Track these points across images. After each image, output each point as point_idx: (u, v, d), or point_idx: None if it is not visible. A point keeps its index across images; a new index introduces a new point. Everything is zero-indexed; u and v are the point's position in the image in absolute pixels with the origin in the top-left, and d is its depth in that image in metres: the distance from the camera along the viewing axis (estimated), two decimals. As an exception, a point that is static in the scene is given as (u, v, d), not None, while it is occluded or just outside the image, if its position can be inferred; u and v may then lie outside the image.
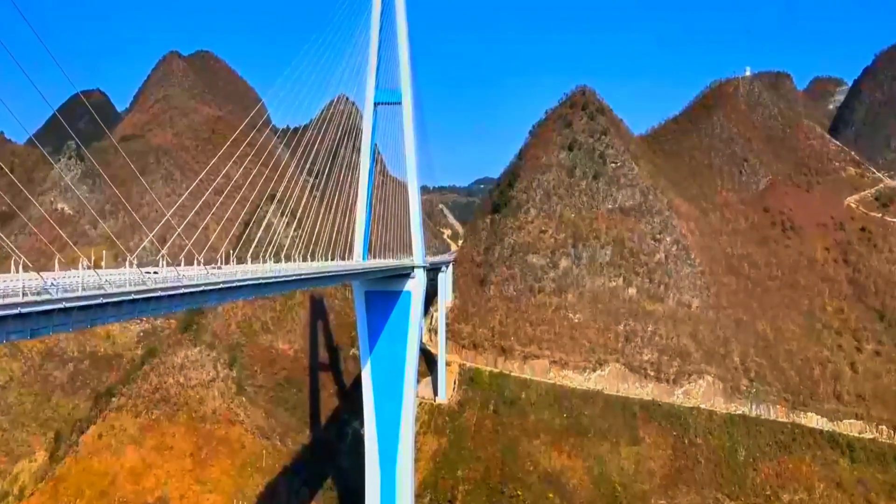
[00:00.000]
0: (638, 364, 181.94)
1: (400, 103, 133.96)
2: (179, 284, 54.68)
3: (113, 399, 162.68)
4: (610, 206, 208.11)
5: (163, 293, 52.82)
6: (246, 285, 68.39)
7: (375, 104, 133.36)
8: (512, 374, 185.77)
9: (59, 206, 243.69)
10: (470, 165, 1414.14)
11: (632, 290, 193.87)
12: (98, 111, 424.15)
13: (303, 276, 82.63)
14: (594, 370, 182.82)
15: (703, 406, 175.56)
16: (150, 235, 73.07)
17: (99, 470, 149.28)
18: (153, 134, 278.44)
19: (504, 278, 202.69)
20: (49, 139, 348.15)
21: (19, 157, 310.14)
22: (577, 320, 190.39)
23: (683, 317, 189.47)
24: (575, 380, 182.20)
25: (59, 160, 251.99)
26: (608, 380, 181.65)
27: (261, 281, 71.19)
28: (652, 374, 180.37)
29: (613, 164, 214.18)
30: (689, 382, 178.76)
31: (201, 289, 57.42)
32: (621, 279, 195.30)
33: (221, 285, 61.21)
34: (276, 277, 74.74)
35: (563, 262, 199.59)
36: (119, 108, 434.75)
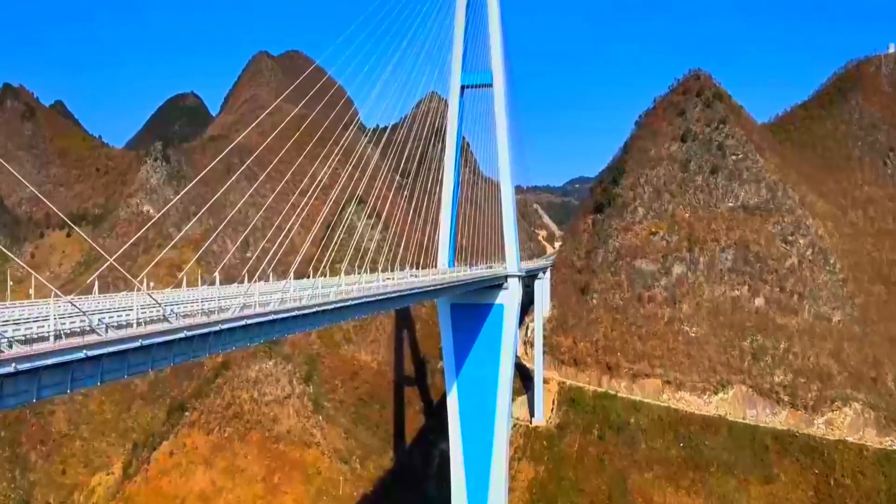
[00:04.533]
0: (768, 387, 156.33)
1: (490, 85, 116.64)
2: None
3: (186, 413, 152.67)
4: (731, 205, 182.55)
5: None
6: (302, 315, 52.72)
7: (462, 87, 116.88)
8: (619, 394, 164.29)
9: (145, 207, 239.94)
10: (564, 164, 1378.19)
11: (759, 301, 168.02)
12: (192, 114, 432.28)
13: (378, 298, 66.05)
14: (715, 392, 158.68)
15: (850, 439, 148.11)
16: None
17: (168, 492, 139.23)
18: (238, 134, 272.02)
19: (608, 286, 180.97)
20: (145, 143, 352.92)
21: (114, 161, 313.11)
22: (693, 334, 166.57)
23: (823, 332, 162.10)
24: (693, 403, 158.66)
25: (146, 162, 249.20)
26: (732, 404, 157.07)
27: (323, 308, 55.19)
28: (786, 399, 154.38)
29: (734, 157, 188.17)
30: (833, 410, 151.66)
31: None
32: (746, 288, 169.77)
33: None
34: (345, 301, 58.94)
35: (677, 268, 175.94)
36: (213, 111, 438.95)
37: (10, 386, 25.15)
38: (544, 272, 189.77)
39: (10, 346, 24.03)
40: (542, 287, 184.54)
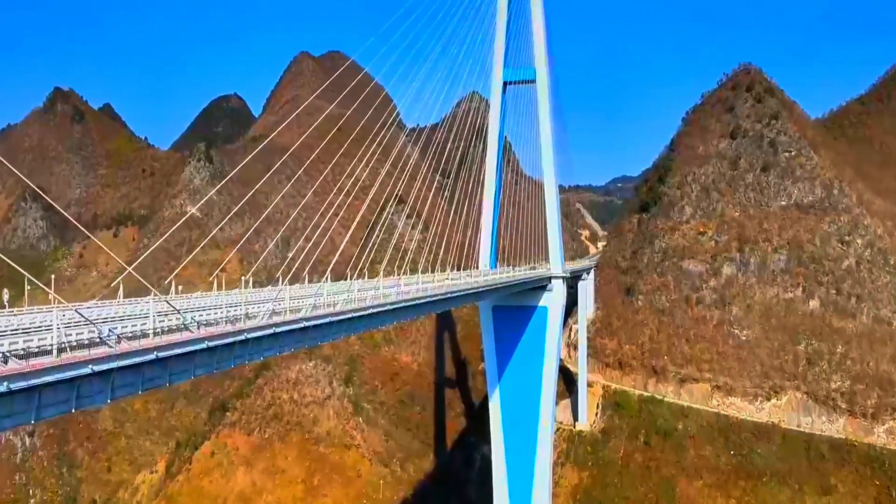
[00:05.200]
0: (824, 393, 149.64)
1: (533, 82, 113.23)
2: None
3: (227, 414, 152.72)
4: (783, 203, 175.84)
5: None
6: (336, 321, 50.18)
7: (505, 84, 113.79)
8: (666, 399, 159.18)
9: (189, 208, 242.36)
10: (606, 163, 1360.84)
11: (814, 303, 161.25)
12: (235, 115, 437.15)
13: (417, 302, 63.29)
14: (768, 398, 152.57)
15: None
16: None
17: (209, 492, 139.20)
18: (279, 134, 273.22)
19: (655, 287, 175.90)
20: (189, 144, 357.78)
21: (159, 162, 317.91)
22: (744, 338, 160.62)
23: (883, 336, 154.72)
24: (744, 409, 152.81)
25: (189, 163, 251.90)
26: (786, 411, 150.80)
27: (359, 313, 52.61)
28: (843, 406, 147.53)
29: (787, 154, 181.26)
30: (894, 419, 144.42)
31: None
32: (800, 290, 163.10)
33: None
34: (382, 306, 56.32)
35: (727, 269, 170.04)
36: (256, 113, 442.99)
37: (6, 406, 22.78)
38: (588, 273, 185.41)
39: (6, 362, 21.76)
40: (586, 288, 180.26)
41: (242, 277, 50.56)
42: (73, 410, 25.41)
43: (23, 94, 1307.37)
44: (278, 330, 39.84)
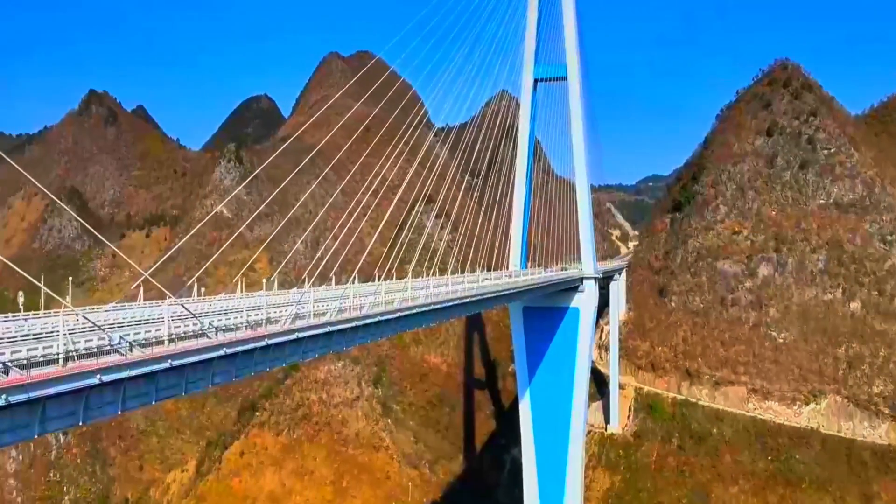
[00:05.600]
0: (866, 398, 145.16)
1: (565, 78, 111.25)
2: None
3: (256, 413, 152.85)
4: (822, 202, 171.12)
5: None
6: (362, 325, 48.57)
7: (535, 81, 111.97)
8: (700, 402, 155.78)
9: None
10: (636, 162, 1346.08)
11: (855, 305, 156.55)
12: (265, 116, 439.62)
13: (447, 304, 61.56)
14: (806, 403, 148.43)
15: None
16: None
17: (239, 491, 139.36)
18: (309, 134, 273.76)
19: (688, 288, 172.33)
20: (220, 145, 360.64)
21: (191, 163, 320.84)
22: (781, 340, 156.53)
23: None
24: (781, 414, 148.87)
25: (220, 163, 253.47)
26: (826, 416, 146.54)
27: (386, 317, 50.98)
28: (886, 411, 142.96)
29: (826, 151, 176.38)
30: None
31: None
32: (840, 291, 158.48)
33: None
34: (410, 309, 54.58)
35: (763, 270, 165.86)
36: (286, 113, 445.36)
37: (4, 421, 21.11)
38: (619, 273, 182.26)
39: (6, 373, 20.19)
40: (618, 289, 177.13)
41: (264, 280, 49.45)
42: (81, 424, 24.07)
43: (59, 96, 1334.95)
44: (301, 335, 38.11)
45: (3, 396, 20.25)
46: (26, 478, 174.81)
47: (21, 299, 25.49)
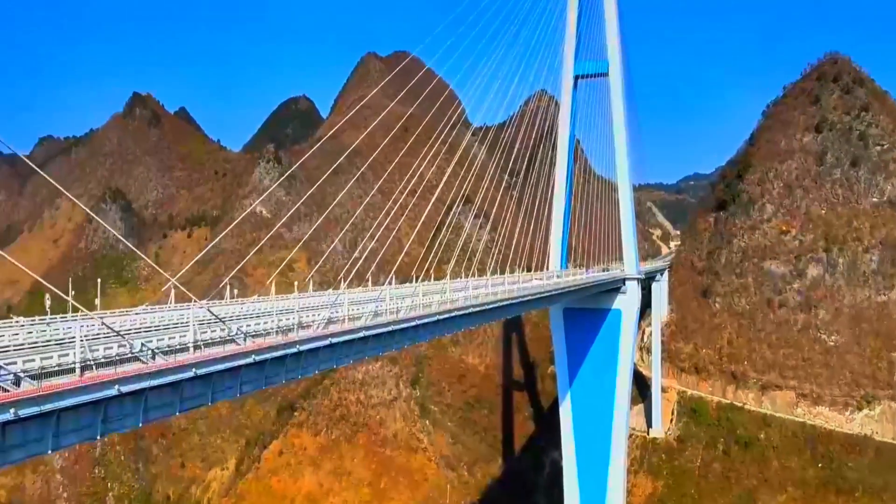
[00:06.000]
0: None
1: (606, 75, 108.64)
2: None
3: (294, 413, 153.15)
4: (875, 200, 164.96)
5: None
6: (399, 329, 47.01)
7: (576, 78, 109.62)
8: (746, 406, 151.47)
9: (258, 209, 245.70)
10: (677, 160, 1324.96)
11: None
12: (304, 116, 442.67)
13: (487, 307, 59.67)
14: (859, 409, 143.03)
15: None
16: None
17: (277, 491, 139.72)
18: (347, 134, 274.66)
19: (733, 289, 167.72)
20: (259, 146, 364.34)
21: (231, 163, 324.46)
22: (832, 343, 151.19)
23: None
24: (832, 420, 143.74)
25: (259, 164, 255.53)
26: (880, 422, 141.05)
27: (424, 321, 49.40)
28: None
29: (879, 147, 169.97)
30: None
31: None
32: (895, 292, 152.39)
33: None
34: (449, 312, 52.81)
35: (812, 270, 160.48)
36: (324, 114, 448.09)
37: (16, 434, 19.65)
38: (661, 274, 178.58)
39: (18, 384, 18.84)
40: (660, 289, 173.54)
41: (302, 280, 48.37)
42: (99, 437, 22.82)
43: (105, 99, 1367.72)
44: (335, 340, 36.50)
45: (12, 410, 18.84)
46: (72, 474, 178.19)
47: (48, 303, 24.54)
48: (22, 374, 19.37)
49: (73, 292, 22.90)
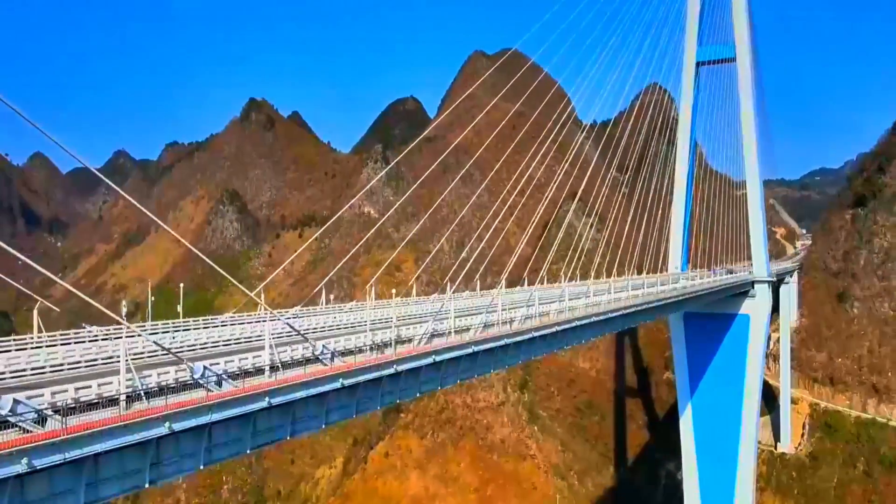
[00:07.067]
0: None
1: (733, 60, 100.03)
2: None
3: (401, 415, 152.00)
4: None
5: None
6: (513, 343, 42.41)
7: (698, 64, 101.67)
8: (891, 422, 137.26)
9: (366, 209, 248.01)
10: (800, 154, 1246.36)
11: None
12: (411, 117, 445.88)
13: (609, 316, 53.88)
14: None
15: None
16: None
17: (383, 493, 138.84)
18: (454, 134, 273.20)
19: (874, 293, 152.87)
20: (367, 147, 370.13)
21: (340, 164, 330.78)
22: None
23: None
24: None
25: (367, 165, 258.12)
26: None
27: (542, 332, 44.52)
28: None
29: None
30: None
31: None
32: None
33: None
34: (569, 322, 47.39)
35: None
36: (431, 114, 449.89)
37: (36, 488, 15.64)
38: (790, 275, 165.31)
39: (42, 423, 14.75)
40: (789, 292, 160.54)
41: (393, 291, 44.88)
42: (148, 485, 19.30)
43: (225, 105, 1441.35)
44: (439, 358, 32.09)
45: (25, 460, 14.97)
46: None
47: (124, 309, 21.79)
48: (47, 411, 15.66)
49: (182, 316, 19.97)
